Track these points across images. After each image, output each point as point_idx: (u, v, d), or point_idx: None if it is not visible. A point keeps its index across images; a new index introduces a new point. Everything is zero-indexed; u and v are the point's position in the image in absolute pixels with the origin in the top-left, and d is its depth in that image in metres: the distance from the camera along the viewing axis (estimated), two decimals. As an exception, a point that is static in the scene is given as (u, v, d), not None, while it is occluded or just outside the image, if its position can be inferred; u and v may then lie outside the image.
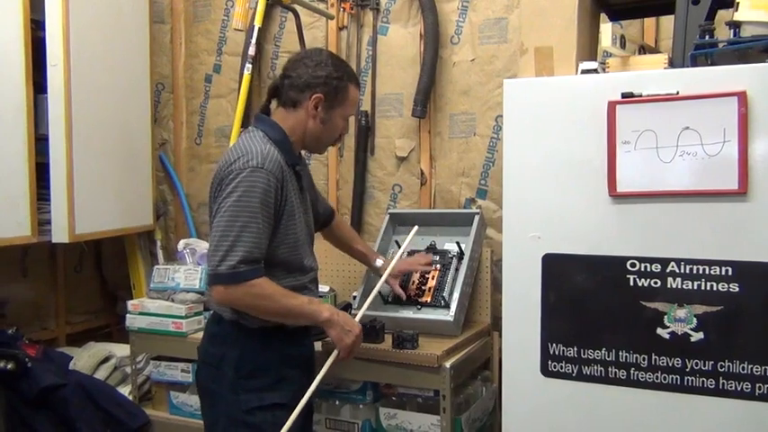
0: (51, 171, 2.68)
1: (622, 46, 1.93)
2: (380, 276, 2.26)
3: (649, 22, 2.46)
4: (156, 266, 2.82)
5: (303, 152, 2.08)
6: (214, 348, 1.90)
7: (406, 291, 2.41)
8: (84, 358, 2.83)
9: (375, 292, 2.17)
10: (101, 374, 2.80)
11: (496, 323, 2.51)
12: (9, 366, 2.45)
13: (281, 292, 1.81)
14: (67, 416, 2.52)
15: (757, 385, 1.65)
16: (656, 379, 1.74)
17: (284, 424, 1.81)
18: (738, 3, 1.72)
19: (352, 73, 1.98)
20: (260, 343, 1.85)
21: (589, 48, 2.04)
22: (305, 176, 2.02)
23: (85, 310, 3.42)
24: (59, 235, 2.70)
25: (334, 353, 1.92)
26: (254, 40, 2.90)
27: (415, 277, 2.47)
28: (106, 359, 2.86)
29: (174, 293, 2.62)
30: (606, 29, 1.89)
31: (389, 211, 2.76)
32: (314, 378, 1.91)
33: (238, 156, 1.78)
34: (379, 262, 2.34)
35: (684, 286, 1.71)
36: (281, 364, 1.87)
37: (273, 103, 1.96)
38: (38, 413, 2.51)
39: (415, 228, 2.36)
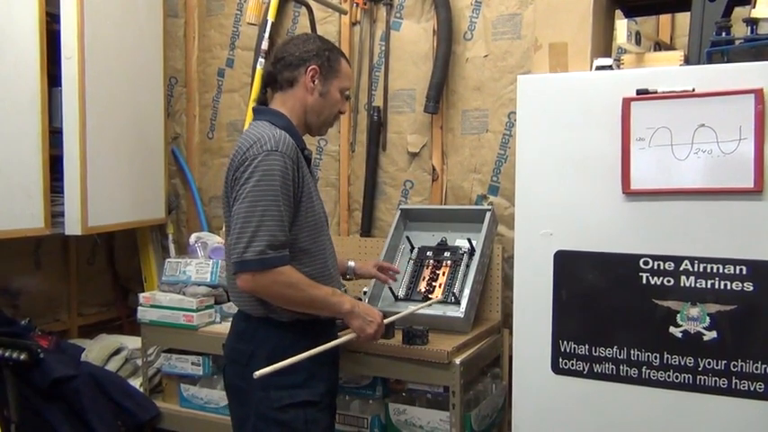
0: (65, 164, 2.70)
1: (637, 42, 1.91)
2: (354, 277, 2.33)
3: (665, 18, 2.44)
4: (168, 260, 2.82)
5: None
6: (242, 345, 1.87)
7: (416, 288, 2.43)
8: (95, 350, 2.85)
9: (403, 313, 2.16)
10: (112, 366, 2.82)
11: (507, 320, 2.51)
12: (22, 357, 2.46)
13: (307, 282, 1.79)
14: (79, 407, 2.53)
15: (770, 385, 1.64)
16: (668, 378, 1.73)
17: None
18: (756, -1, 1.71)
19: (340, 49, 2.02)
20: (290, 339, 1.83)
21: (604, 44, 2.02)
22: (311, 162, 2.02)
23: (97, 303, 3.44)
24: (72, 227, 2.73)
25: (353, 334, 1.91)
26: (267, 35, 2.91)
27: (426, 273, 2.48)
28: (117, 351, 2.88)
29: (185, 287, 2.63)
30: (621, 25, 1.88)
31: (401, 206, 2.75)
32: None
33: (251, 143, 1.77)
34: (351, 263, 2.33)
35: (698, 285, 1.69)
36: (311, 360, 1.82)
37: (270, 93, 1.96)
38: (50, 404, 2.52)
39: (428, 303, 2.33)
